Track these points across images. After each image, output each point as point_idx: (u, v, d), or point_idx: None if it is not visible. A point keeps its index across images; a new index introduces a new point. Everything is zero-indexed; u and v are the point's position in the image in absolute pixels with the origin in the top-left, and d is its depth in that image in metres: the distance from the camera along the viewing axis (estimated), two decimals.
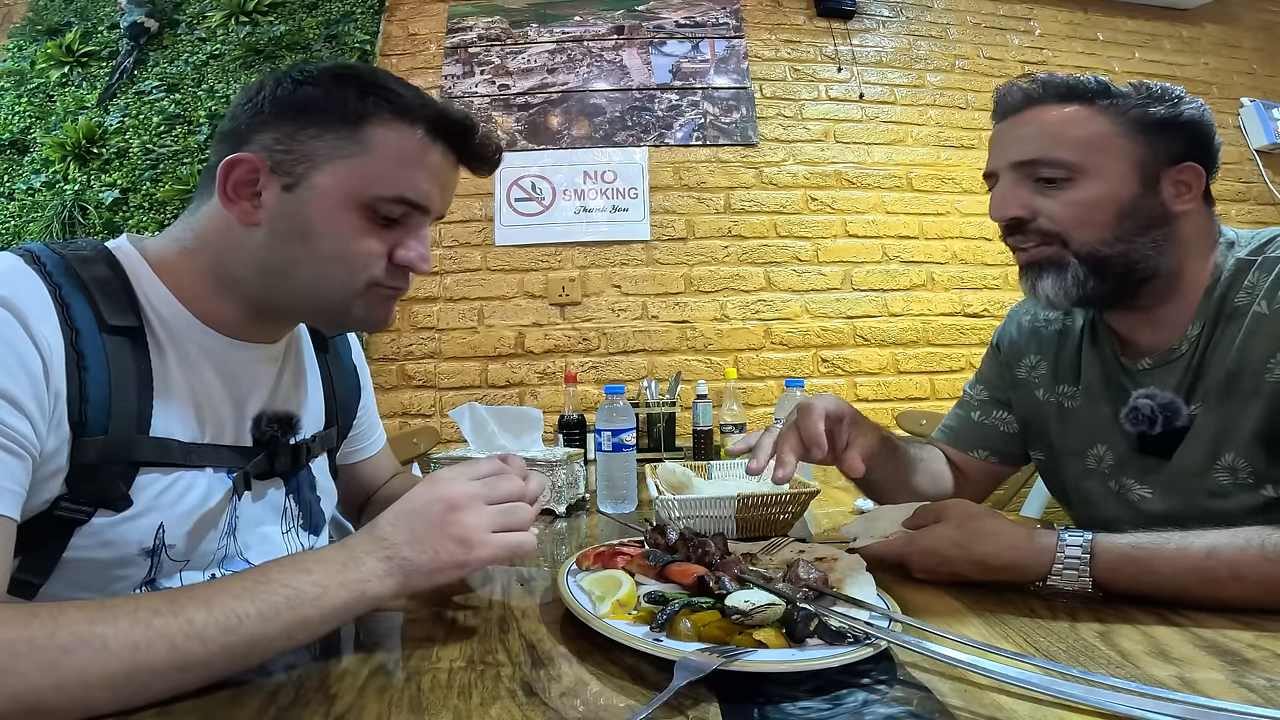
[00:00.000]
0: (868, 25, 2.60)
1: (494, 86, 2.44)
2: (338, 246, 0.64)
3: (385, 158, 0.64)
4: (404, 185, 0.65)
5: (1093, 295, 0.77)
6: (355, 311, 0.68)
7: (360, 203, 0.64)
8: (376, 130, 0.64)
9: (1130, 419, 0.79)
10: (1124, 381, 0.83)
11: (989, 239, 2.48)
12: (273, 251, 0.65)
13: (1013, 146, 0.79)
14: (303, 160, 0.63)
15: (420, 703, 0.46)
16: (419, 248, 0.68)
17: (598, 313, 2.34)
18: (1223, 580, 0.59)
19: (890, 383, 2.39)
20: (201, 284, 0.67)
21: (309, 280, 0.65)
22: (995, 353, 1.04)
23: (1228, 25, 2.82)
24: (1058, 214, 0.76)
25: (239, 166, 0.63)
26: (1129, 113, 0.74)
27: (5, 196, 2.33)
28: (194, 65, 2.41)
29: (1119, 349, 0.85)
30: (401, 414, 2.27)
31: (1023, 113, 0.79)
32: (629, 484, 1.15)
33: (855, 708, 0.45)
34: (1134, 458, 0.82)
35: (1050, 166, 0.75)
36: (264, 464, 0.72)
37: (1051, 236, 0.77)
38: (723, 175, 2.41)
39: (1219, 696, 0.44)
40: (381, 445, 1.01)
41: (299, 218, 0.63)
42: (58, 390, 0.56)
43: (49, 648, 0.42)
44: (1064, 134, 0.75)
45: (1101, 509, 0.86)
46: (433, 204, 0.68)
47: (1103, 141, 0.74)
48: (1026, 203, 0.77)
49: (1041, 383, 0.94)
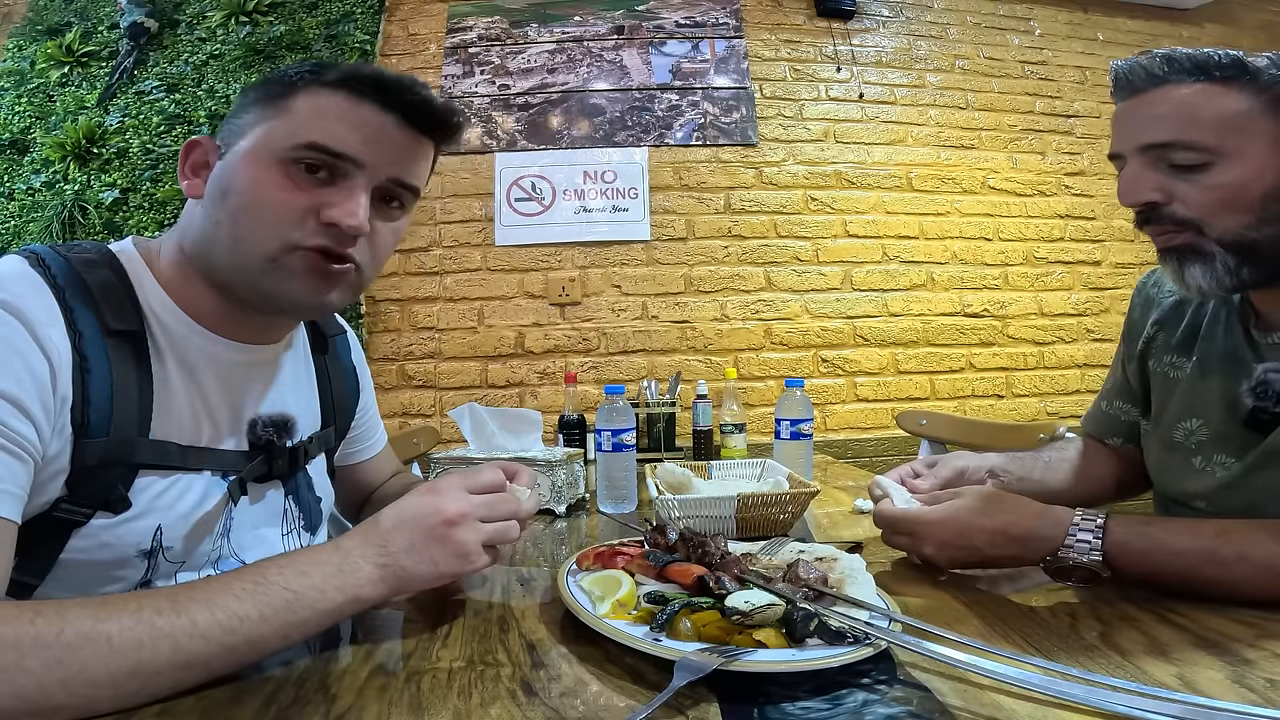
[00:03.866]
0: (868, 25, 2.60)
1: (494, 86, 2.44)
2: (251, 199, 0.63)
3: (301, 115, 0.64)
4: (315, 132, 0.63)
5: (1248, 282, 0.72)
6: (275, 277, 0.64)
7: (276, 158, 0.63)
8: (300, 98, 0.65)
9: (1257, 393, 0.74)
10: (1247, 355, 0.78)
11: (989, 239, 2.48)
12: (206, 219, 0.65)
13: (1142, 128, 0.72)
14: (235, 133, 0.66)
15: (420, 703, 0.46)
16: (346, 203, 0.63)
17: (598, 313, 2.34)
18: (1229, 560, 0.59)
19: (890, 383, 2.39)
20: (189, 280, 0.67)
21: (228, 241, 0.64)
22: (1125, 329, 0.99)
23: (1228, 25, 2.82)
24: (1196, 199, 0.70)
25: (195, 149, 0.68)
26: (1270, 89, 0.68)
27: (5, 196, 2.33)
28: (194, 65, 2.41)
29: (1254, 321, 0.79)
30: (401, 414, 2.27)
31: (1149, 92, 0.72)
32: (629, 484, 1.15)
33: (855, 708, 0.45)
34: (1238, 433, 0.77)
35: (1187, 150, 0.69)
36: (261, 467, 0.72)
37: (1186, 223, 0.71)
38: (723, 175, 2.41)
39: (1219, 696, 0.44)
40: (382, 446, 1.01)
41: (223, 179, 0.65)
42: (64, 396, 0.57)
43: (54, 645, 0.42)
44: (1199, 114, 0.69)
45: (1177, 483, 0.83)
46: (355, 152, 0.64)
47: (1242, 121, 0.68)
48: (1161, 186, 0.71)
49: (1155, 352, 0.91)
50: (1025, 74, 2.61)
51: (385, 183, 0.67)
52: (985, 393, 2.43)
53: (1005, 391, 2.44)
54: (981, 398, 2.43)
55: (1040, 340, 2.47)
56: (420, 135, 0.69)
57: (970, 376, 2.43)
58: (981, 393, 2.43)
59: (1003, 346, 2.46)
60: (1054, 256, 2.51)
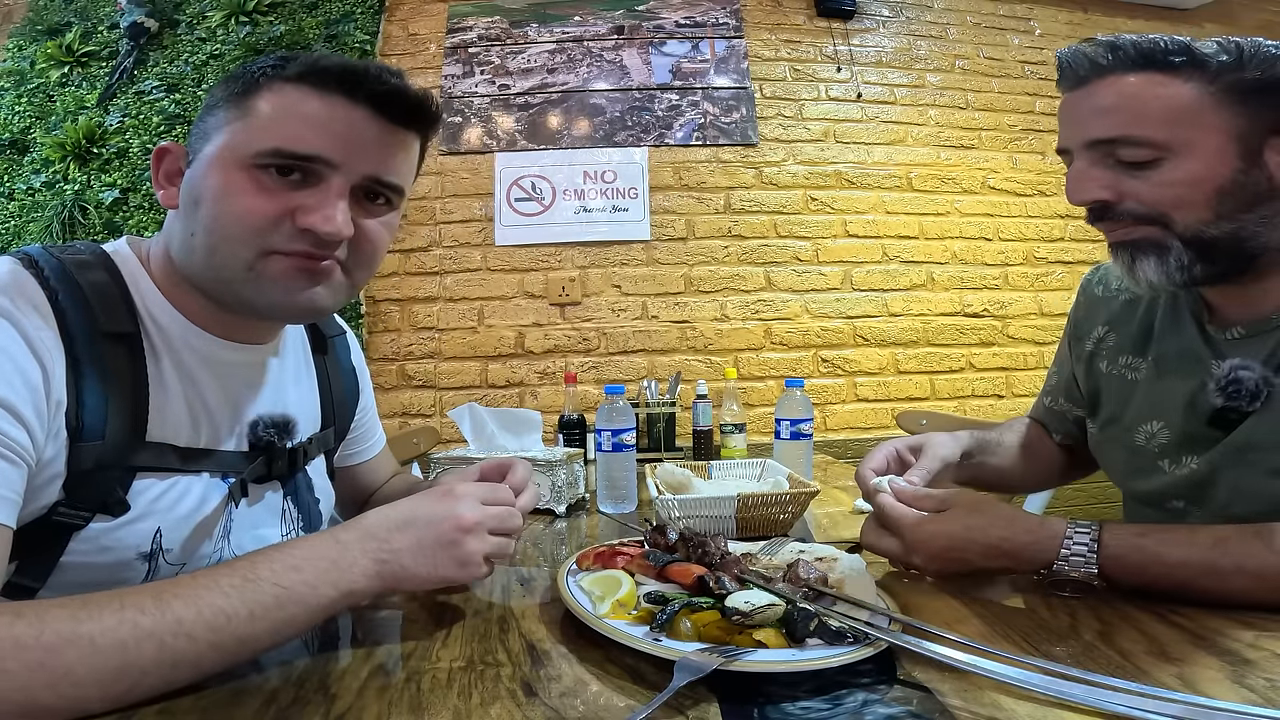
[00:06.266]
0: (868, 25, 2.60)
1: (494, 86, 2.44)
2: (222, 208, 0.61)
3: (264, 117, 0.62)
4: (278, 137, 0.60)
5: (1200, 278, 0.69)
6: (255, 286, 0.62)
7: (243, 164, 0.61)
8: (261, 97, 0.62)
9: (1227, 392, 0.71)
10: (1204, 353, 0.76)
11: (989, 239, 2.48)
12: (182, 227, 0.64)
13: (1088, 122, 0.69)
14: (201, 138, 0.64)
15: (420, 703, 0.46)
16: (321, 208, 0.61)
17: (598, 313, 2.34)
18: (1226, 572, 0.59)
19: (890, 383, 2.39)
20: (180, 284, 0.67)
21: (204, 251, 0.62)
22: (1069, 328, 0.98)
23: (1228, 25, 2.82)
24: (1150, 196, 0.67)
25: (166, 156, 0.66)
26: (1218, 78, 0.64)
27: (5, 196, 2.33)
28: (194, 65, 2.41)
29: (1207, 317, 0.77)
30: (401, 414, 2.26)
31: (1093, 82, 0.69)
32: (629, 484, 1.15)
33: (855, 708, 0.45)
34: (1201, 431, 0.75)
35: (1134, 147, 0.66)
36: (261, 469, 0.72)
37: (1147, 218, 0.68)
38: (723, 175, 2.41)
39: (1219, 696, 0.44)
40: (381, 447, 1.01)
41: (192, 188, 0.63)
42: (58, 400, 0.56)
43: (35, 647, 0.42)
44: (1147, 108, 0.66)
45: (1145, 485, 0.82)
46: (324, 154, 0.61)
47: (1192, 114, 0.65)
48: (1110, 185, 0.68)
49: (1107, 354, 0.88)
50: (1025, 74, 2.61)
51: (363, 181, 0.64)
52: (985, 393, 2.43)
53: (1005, 391, 2.44)
54: (981, 398, 2.43)
55: (1040, 340, 2.47)
56: (397, 127, 0.65)
57: (970, 376, 2.43)
58: (981, 393, 2.43)
59: (1003, 346, 2.46)
60: (1054, 256, 2.51)
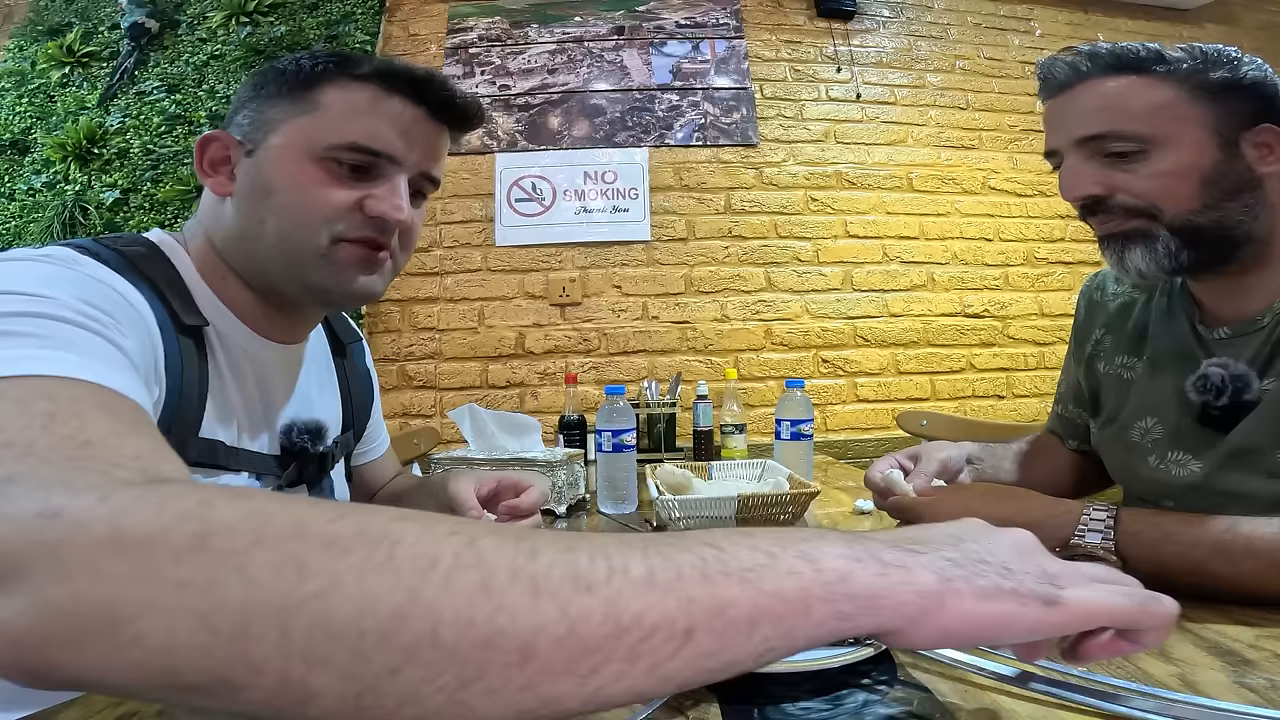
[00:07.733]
0: (868, 26, 2.60)
1: (494, 87, 2.44)
2: (297, 197, 0.64)
3: (336, 112, 0.65)
4: (355, 132, 0.65)
5: (1187, 265, 0.72)
6: (328, 271, 0.66)
7: (316, 156, 0.64)
8: (328, 91, 0.65)
9: (1198, 387, 0.74)
10: (1196, 351, 0.78)
11: (989, 239, 2.48)
12: (243, 216, 0.65)
13: (1076, 121, 0.72)
14: (261, 127, 0.65)
15: None
16: (391, 198, 0.66)
17: (598, 313, 2.34)
18: (1238, 555, 0.60)
19: (890, 383, 2.38)
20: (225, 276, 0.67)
21: (274, 238, 0.64)
22: (1072, 335, 1.01)
23: (1228, 25, 2.81)
24: (1140, 188, 0.70)
25: (212, 144, 0.67)
26: (1189, 79, 0.69)
27: (6, 197, 2.33)
28: (195, 66, 2.41)
29: (1198, 316, 0.80)
30: (402, 414, 2.26)
31: (1075, 87, 0.73)
32: (629, 485, 1.15)
33: (855, 708, 0.45)
34: (1192, 430, 0.76)
35: (1121, 140, 0.70)
36: (294, 474, 0.73)
37: (1138, 210, 0.71)
38: (723, 175, 2.41)
39: (1219, 696, 0.44)
40: (386, 446, 1.02)
41: (260, 176, 0.65)
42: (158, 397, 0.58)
43: None
44: (1130, 105, 0.70)
45: (1140, 482, 0.84)
46: (395, 150, 0.66)
47: (1171, 109, 0.69)
48: (1102, 180, 0.71)
49: (1104, 356, 0.91)
50: (1025, 74, 2.61)
51: (416, 175, 0.69)
52: (986, 393, 2.43)
53: (1006, 392, 2.44)
54: (982, 398, 2.43)
55: (1041, 341, 2.47)
56: (444, 127, 0.71)
57: (971, 377, 2.43)
58: (982, 393, 2.43)
59: (1003, 347, 2.46)
60: (1054, 257, 2.51)
